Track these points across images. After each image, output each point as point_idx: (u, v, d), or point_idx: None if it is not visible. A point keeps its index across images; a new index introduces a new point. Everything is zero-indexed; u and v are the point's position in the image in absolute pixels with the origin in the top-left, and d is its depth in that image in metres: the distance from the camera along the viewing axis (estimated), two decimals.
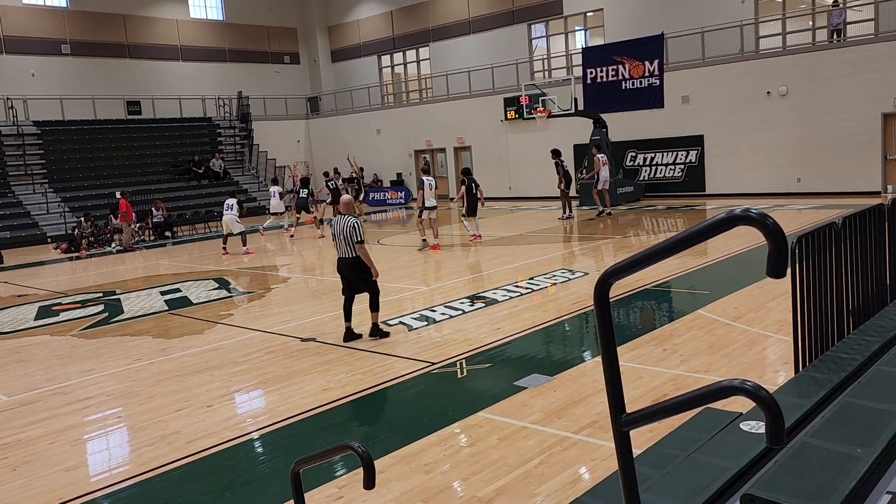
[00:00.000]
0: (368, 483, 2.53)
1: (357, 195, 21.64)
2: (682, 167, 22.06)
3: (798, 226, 12.77)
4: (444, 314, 9.03)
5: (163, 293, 12.23)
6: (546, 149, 20.88)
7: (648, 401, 5.41)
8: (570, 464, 4.56)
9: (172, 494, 4.68)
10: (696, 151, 21.70)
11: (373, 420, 6.04)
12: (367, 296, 8.00)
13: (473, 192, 15.49)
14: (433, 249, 14.90)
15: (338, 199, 20.11)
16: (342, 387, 6.49)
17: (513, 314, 8.78)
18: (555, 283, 10.53)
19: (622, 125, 22.19)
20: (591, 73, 20.91)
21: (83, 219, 20.80)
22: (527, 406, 5.64)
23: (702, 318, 7.89)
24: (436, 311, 9.22)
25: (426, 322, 8.73)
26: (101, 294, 12.68)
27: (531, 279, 10.95)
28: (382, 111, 31.03)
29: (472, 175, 16.45)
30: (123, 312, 10.86)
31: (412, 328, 8.43)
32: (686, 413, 2.47)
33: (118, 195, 21.21)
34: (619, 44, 20.95)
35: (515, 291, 10.11)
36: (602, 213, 18.62)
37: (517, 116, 24.76)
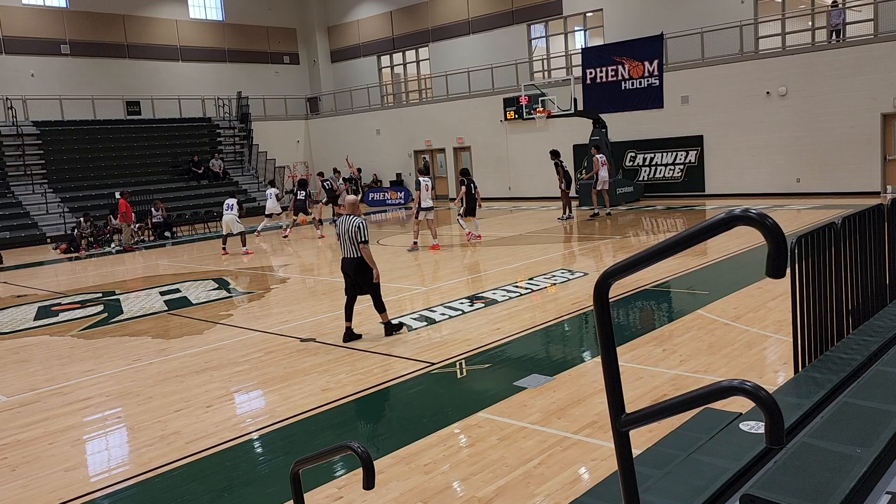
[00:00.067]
0: (368, 483, 2.53)
1: (355, 195, 21.65)
2: (682, 167, 22.07)
3: (797, 226, 12.78)
4: (444, 314, 9.03)
5: (162, 293, 12.23)
6: (546, 149, 20.88)
7: (648, 401, 5.41)
8: (570, 464, 4.56)
9: (172, 495, 4.68)
10: (696, 152, 21.71)
11: (372, 420, 6.04)
12: (369, 297, 8.00)
13: (472, 193, 15.51)
14: (433, 249, 14.90)
15: (332, 199, 20.17)
16: (342, 387, 6.49)
17: (512, 314, 8.78)
18: (554, 284, 10.54)
19: (622, 125, 22.20)
20: (591, 74, 20.90)
21: (83, 219, 20.79)
22: (526, 406, 5.64)
23: (701, 319, 7.90)
24: (435, 312, 9.22)
25: (426, 322, 8.73)
26: (101, 294, 12.68)
27: (531, 279, 10.96)
28: (382, 111, 31.03)
29: (471, 175, 16.45)
30: (123, 313, 10.86)
31: (412, 328, 8.43)
32: (686, 413, 2.47)
33: (118, 195, 21.22)
34: (619, 44, 20.94)
35: (515, 292, 10.11)
36: (597, 215, 18.60)
37: (517, 117, 24.77)
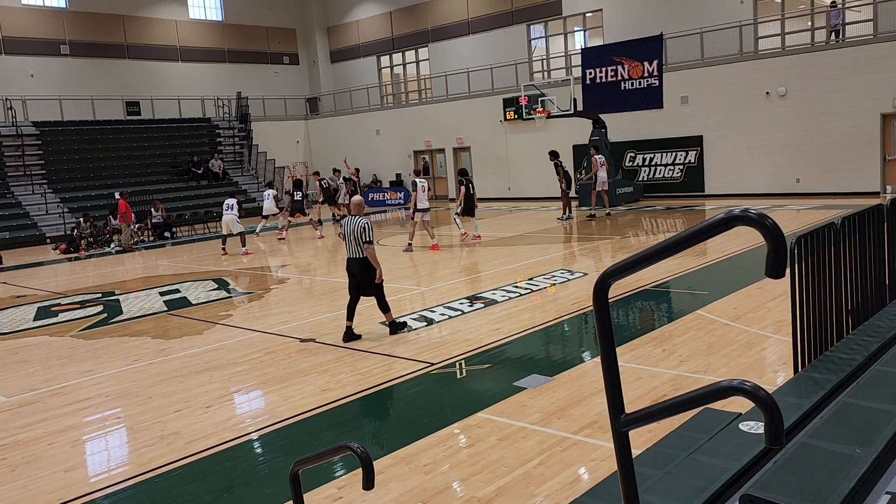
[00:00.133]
0: (367, 483, 2.53)
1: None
2: (682, 168, 22.07)
3: (797, 226, 12.78)
4: (444, 314, 9.03)
5: (162, 294, 12.23)
6: (545, 149, 20.87)
7: (648, 401, 5.41)
8: (570, 464, 4.56)
9: (172, 495, 4.68)
10: (696, 152, 21.71)
11: (372, 420, 6.04)
12: (372, 298, 8.02)
13: (471, 193, 15.51)
14: (432, 250, 14.90)
15: (329, 199, 20.15)
16: (341, 387, 6.49)
17: (512, 314, 8.78)
18: (554, 284, 10.54)
19: (621, 126, 22.20)
20: (591, 74, 20.90)
21: (82, 219, 20.79)
22: (526, 406, 5.64)
23: (701, 319, 7.90)
24: (435, 312, 9.22)
25: (426, 322, 8.73)
26: (101, 295, 12.67)
27: (530, 279, 10.96)
28: (382, 112, 31.02)
29: (469, 176, 16.45)
30: (123, 313, 10.86)
31: (412, 328, 8.43)
32: (685, 413, 2.47)
33: (117, 196, 21.21)
34: (619, 44, 20.95)
35: (515, 292, 10.11)
36: (594, 216, 18.59)
37: (516, 117, 24.78)
